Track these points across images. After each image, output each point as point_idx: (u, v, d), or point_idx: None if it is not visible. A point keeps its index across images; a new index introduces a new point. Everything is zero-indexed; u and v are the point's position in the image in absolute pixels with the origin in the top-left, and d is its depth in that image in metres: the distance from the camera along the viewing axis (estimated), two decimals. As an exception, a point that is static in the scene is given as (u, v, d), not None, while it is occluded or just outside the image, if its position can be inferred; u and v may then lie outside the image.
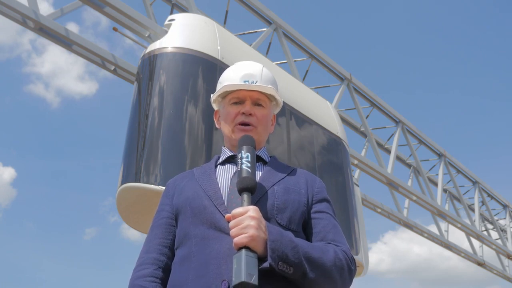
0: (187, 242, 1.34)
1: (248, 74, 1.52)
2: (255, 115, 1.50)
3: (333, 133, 4.70)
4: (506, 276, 10.38)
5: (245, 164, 1.32)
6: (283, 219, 1.35)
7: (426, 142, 8.22)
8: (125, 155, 3.39)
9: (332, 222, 1.44)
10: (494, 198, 10.59)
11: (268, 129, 1.57)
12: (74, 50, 4.19)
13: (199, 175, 1.48)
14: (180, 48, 3.52)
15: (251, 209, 1.23)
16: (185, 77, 3.43)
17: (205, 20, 3.84)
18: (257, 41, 5.25)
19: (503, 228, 11.35)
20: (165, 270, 1.38)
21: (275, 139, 3.84)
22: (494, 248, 9.81)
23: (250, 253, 1.16)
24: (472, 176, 9.64)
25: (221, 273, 1.23)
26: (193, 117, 3.34)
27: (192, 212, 1.37)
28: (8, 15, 3.80)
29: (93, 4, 3.98)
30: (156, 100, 3.35)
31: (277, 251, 1.19)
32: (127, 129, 3.49)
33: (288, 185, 1.43)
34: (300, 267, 1.22)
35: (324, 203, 1.48)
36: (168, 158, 3.20)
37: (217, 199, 1.36)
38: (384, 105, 7.20)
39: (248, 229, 1.19)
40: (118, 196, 3.26)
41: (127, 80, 4.56)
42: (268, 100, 1.56)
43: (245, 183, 1.28)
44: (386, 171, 6.73)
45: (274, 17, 5.54)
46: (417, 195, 7.36)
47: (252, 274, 1.12)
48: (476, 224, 9.34)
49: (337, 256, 1.31)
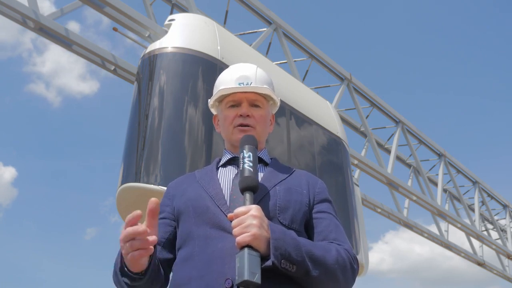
0: (190, 242, 1.34)
1: (242, 76, 1.52)
2: (252, 116, 1.51)
3: (333, 133, 4.70)
4: (506, 276, 10.38)
5: (247, 164, 1.32)
6: (286, 219, 1.36)
7: (426, 142, 8.23)
8: (125, 155, 3.39)
9: (334, 222, 1.45)
10: (494, 198, 10.59)
11: (267, 129, 1.58)
12: (74, 50, 4.19)
13: (200, 177, 1.49)
14: (180, 48, 3.52)
15: (253, 208, 1.23)
16: (185, 77, 3.43)
17: (205, 20, 3.84)
18: (257, 41, 5.26)
19: (503, 228, 11.35)
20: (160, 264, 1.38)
21: (275, 139, 3.84)
22: (494, 248, 9.82)
23: (252, 252, 1.16)
24: (472, 176, 9.64)
25: (224, 271, 1.23)
26: (193, 117, 3.34)
27: (195, 213, 1.37)
28: (8, 15, 3.80)
29: (93, 4, 3.98)
30: (156, 100, 3.35)
31: (280, 249, 1.19)
32: (127, 129, 3.49)
33: (290, 185, 1.44)
34: (303, 265, 1.22)
35: (326, 203, 1.48)
36: (168, 158, 3.20)
37: (219, 199, 1.37)
38: (384, 105, 7.21)
39: (251, 228, 1.19)
40: (118, 196, 3.26)
41: (127, 80, 4.56)
42: (264, 100, 1.56)
43: (247, 182, 1.28)
44: (386, 171, 6.73)
45: (274, 17, 5.54)
46: (417, 195, 7.36)
47: (255, 273, 1.12)
48: (476, 224, 9.34)
49: (339, 254, 1.31)
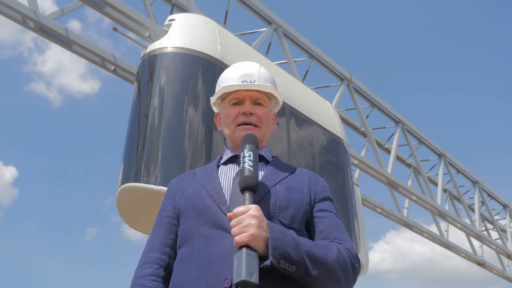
0: (189, 241, 1.34)
1: (246, 74, 1.52)
2: (255, 114, 1.50)
3: (333, 133, 4.70)
4: (506, 276, 10.38)
5: (247, 163, 1.32)
6: (286, 218, 1.35)
7: (426, 142, 8.23)
8: (125, 155, 3.39)
9: (335, 221, 1.44)
10: (494, 198, 10.59)
11: (270, 127, 1.57)
12: (74, 50, 4.20)
13: (201, 175, 1.48)
14: (180, 48, 3.52)
15: (252, 208, 1.23)
16: (185, 77, 3.43)
17: (205, 20, 3.84)
18: (257, 41, 5.26)
19: (503, 228, 11.35)
20: (167, 269, 1.39)
21: (275, 139, 3.84)
22: (494, 248, 9.82)
23: (251, 252, 1.16)
24: (472, 176, 9.64)
25: (223, 271, 1.23)
26: (193, 117, 3.34)
27: (195, 212, 1.37)
28: (8, 15, 3.80)
29: (93, 4, 3.98)
30: (156, 100, 3.35)
31: (279, 249, 1.19)
32: (127, 129, 3.50)
33: (291, 184, 1.43)
34: (302, 265, 1.22)
35: (327, 201, 1.47)
36: (168, 158, 3.20)
37: (219, 198, 1.36)
38: (384, 105, 7.20)
39: (249, 227, 1.19)
40: (118, 196, 3.26)
41: (128, 80, 4.56)
42: (267, 99, 1.56)
43: (247, 181, 1.28)
44: (386, 171, 6.74)
45: (274, 17, 5.54)
46: (417, 195, 7.36)
47: (252, 273, 1.12)
48: (476, 224, 9.34)
49: (340, 254, 1.31)
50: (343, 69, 6.47)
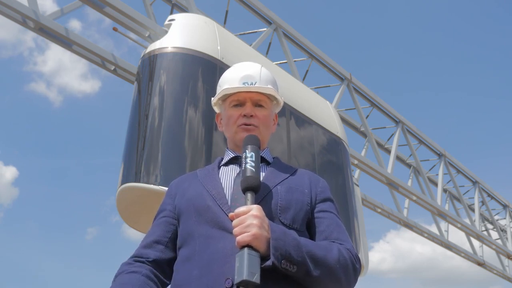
0: (190, 242, 1.34)
1: (246, 75, 1.51)
2: (256, 116, 1.50)
3: (333, 133, 4.70)
4: (506, 276, 10.38)
5: (249, 164, 1.32)
6: (287, 219, 1.35)
7: (426, 142, 8.23)
8: (125, 155, 3.39)
9: (336, 221, 1.44)
10: (494, 198, 10.59)
11: (270, 128, 1.57)
12: (74, 50, 4.20)
13: (202, 176, 1.49)
14: (180, 48, 3.52)
15: (254, 208, 1.23)
16: (185, 77, 3.43)
17: (205, 20, 3.84)
18: (257, 41, 5.26)
19: (503, 228, 11.35)
20: (157, 263, 1.40)
21: (275, 139, 3.84)
22: (494, 248, 9.82)
23: (252, 252, 1.16)
24: (472, 176, 9.65)
25: (224, 271, 1.23)
26: (193, 117, 3.34)
27: (196, 212, 1.37)
28: (8, 15, 3.80)
29: (93, 4, 3.98)
30: (156, 100, 3.35)
31: (280, 249, 1.19)
32: (127, 129, 3.50)
33: (292, 184, 1.43)
34: (304, 266, 1.22)
35: (328, 202, 1.48)
36: (168, 158, 3.20)
37: (220, 198, 1.36)
38: (384, 105, 7.21)
39: (251, 227, 1.19)
40: (118, 196, 3.26)
41: (128, 80, 4.56)
42: (268, 100, 1.56)
43: (249, 182, 1.28)
44: (386, 171, 6.74)
45: (274, 17, 5.54)
46: (417, 195, 7.36)
47: (254, 273, 1.12)
48: (476, 224, 9.35)
49: (341, 254, 1.31)
50: (343, 69, 6.47)
